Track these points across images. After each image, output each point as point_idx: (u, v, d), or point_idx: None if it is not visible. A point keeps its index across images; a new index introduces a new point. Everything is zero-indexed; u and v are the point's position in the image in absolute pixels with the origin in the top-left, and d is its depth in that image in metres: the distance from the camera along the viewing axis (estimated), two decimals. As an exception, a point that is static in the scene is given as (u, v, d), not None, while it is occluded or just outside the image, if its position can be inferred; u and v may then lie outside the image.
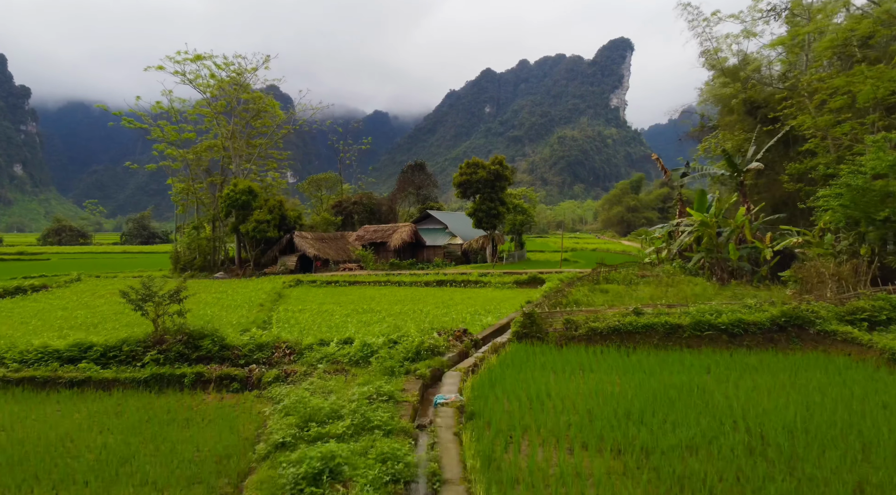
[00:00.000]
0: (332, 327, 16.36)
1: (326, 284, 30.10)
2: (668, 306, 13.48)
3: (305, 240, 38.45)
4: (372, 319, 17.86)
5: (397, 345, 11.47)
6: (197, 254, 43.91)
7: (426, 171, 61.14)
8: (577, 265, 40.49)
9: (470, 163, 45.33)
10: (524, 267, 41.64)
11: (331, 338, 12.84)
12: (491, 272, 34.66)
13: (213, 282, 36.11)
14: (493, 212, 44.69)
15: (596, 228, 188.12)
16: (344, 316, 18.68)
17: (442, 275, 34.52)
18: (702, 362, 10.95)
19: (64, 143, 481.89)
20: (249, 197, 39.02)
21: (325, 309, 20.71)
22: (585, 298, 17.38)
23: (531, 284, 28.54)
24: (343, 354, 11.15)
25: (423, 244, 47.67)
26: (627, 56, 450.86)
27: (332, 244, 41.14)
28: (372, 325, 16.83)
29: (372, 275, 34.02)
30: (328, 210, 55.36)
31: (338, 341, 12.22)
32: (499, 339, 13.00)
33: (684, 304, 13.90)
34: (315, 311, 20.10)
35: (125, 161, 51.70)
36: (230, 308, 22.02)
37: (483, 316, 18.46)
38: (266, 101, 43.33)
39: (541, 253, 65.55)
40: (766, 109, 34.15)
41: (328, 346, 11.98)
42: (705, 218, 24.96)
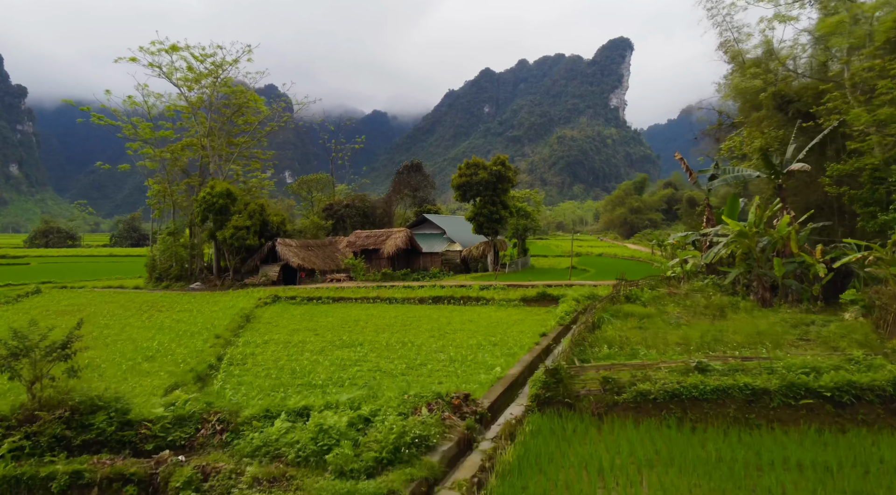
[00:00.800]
0: (295, 374, 12.83)
1: (307, 301, 26.57)
2: (742, 358, 9.96)
3: (289, 248, 34.92)
4: (350, 358, 14.34)
5: (370, 425, 7.97)
6: (173, 263, 40.37)
7: (423, 172, 57.56)
8: (587, 275, 37.03)
9: (470, 164, 41.84)
10: (529, 277, 38.14)
11: (284, 402, 9.35)
12: (493, 285, 31.18)
13: (185, 295, 32.58)
14: (495, 216, 41.21)
15: (596, 229, 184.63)
16: (315, 353, 15.15)
17: (439, 287, 31.03)
18: (817, 456, 7.43)
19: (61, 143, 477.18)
20: (227, 200, 35.47)
21: (297, 339, 17.18)
22: (618, 335, 13.88)
23: (540, 302, 25.04)
24: (289, 442, 7.63)
25: (419, 251, 44.18)
26: (627, 56, 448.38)
27: (320, 252, 37.60)
28: (348, 368, 13.33)
29: (360, 289, 30.48)
30: (318, 213, 51.80)
31: (288, 413, 8.71)
32: (514, 411, 9.48)
33: (764, 356, 10.33)
34: (283, 344, 16.56)
35: (123, 161, 47.99)
36: (184, 336, 18.48)
37: (488, 351, 14.96)
38: (248, 96, 39.76)
39: (544, 257, 62.04)
40: (799, 104, 30.71)
41: (274, 422, 8.46)
42: (743, 227, 21.49)
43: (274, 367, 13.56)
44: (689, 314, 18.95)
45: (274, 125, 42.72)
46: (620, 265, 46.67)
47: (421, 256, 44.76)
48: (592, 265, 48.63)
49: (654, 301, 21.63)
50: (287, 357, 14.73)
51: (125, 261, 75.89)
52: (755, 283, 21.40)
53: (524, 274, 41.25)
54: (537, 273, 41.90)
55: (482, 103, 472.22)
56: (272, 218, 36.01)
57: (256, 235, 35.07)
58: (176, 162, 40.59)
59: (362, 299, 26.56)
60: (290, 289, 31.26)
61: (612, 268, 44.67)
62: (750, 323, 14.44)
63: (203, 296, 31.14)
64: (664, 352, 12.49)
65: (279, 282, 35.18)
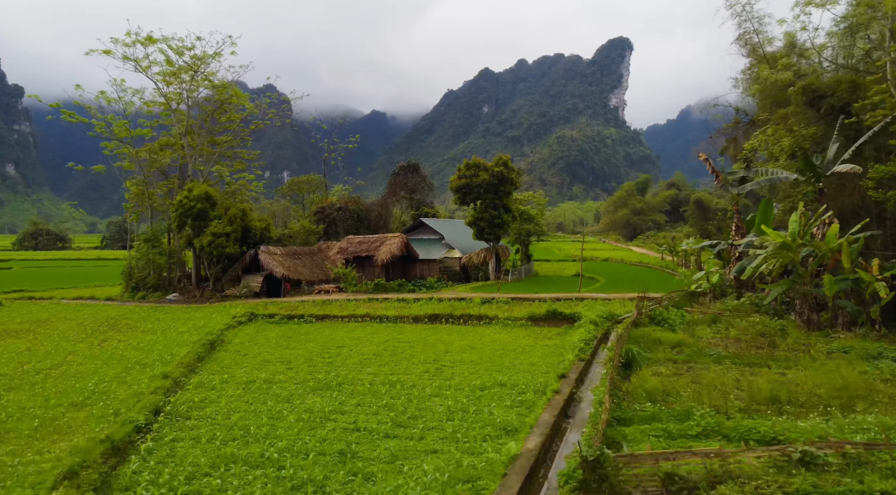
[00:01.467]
0: (248, 437, 9.93)
1: (287, 320, 23.67)
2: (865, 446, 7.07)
3: (273, 257, 32.01)
4: (322, 410, 11.45)
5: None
6: (151, 271, 37.42)
7: (420, 173, 54.55)
8: (597, 286, 34.16)
9: (470, 164, 38.95)
10: (534, 287, 35.28)
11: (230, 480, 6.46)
12: (496, 298, 28.28)
13: (157, 310, 29.66)
14: (497, 221, 38.32)
15: (597, 230, 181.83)
16: (282, 400, 12.25)
17: (436, 301, 28.12)
18: None
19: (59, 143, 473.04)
20: (206, 205, 32.55)
21: (263, 376, 14.29)
22: (660, 383, 10.97)
23: (550, 321, 22.17)
24: None
25: (415, 258, 41.26)
26: (626, 55, 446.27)
27: (307, 260, 34.67)
28: (319, 426, 10.45)
29: (349, 304, 27.58)
30: (309, 217, 48.86)
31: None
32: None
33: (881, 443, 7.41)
34: (244, 385, 13.67)
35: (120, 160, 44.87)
36: (133, 370, 15.57)
37: (496, 397, 12.07)
38: (231, 92, 36.79)
39: (547, 262, 59.14)
40: (833, 99, 27.83)
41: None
42: (785, 238, 18.63)
43: (224, 425, 10.66)
44: (731, 343, 16.10)
45: (259, 123, 39.74)
46: (630, 273, 43.80)
47: (417, 264, 41.84)
48: (600, 272, 45.74)
49: (686, 325, 18.77)
50: (245, 407, 11.83)
51: (112, 264, 72.93)
52: (799, 303, 18.59)
53: (528, 283, 38.37)
54: (542, 282, 39.03)
55: (481, 103, 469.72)
56: (255, 223, 33.03)
57: (237, 243, 32.14)
58: (154, 162, 37.63)
59: (349, 317, 23.68)
60: (272, 303, 28.34)
61: (622, 275, 41.83)
62: (823, 370, 11.50)
63: (175, 311, 28.21)
64: (725, 409, 9.63)
65: (262, 294, 32.27)
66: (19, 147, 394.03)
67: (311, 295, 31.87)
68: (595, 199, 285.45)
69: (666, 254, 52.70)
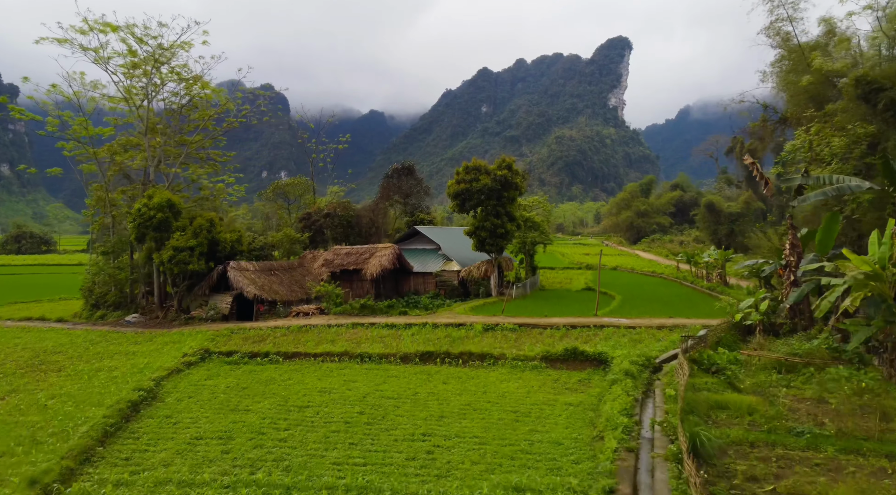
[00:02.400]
0: None
1: (248, 358, 19.53)
2: None
3: (244, 273, 27.88)
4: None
5: None
6: (112, 287, 33.25)
7: (415, 175, 50.29)
8: (614, 306, 30.04)
9: (469, 167, 34.87)
10: (542, 305, 31.20)
11: None
12: (501, 323, 24.22)
13: (108, 336, 25.50)
14: (500, 231, 34.26)
15: (597, 232, 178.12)
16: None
17: (430, 328, 24.05)
18: None
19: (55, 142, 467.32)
20: (168, 214, 28.39)
21: (185, 471, 10.17)
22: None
23: (570, 363, 18.08)
24: None
25: (409, 270, 37.18)
26: (626, 55, 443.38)
27: (285, 276, 30.53)
28: None
29: (328, 332, 23.51)
30: (294, 224, 44.75)
31: None
32: None
33: None
34: (151, 488, 9.55)
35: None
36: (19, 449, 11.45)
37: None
38: (200, 85, 32.60)
39: (551, 270, 55.04)
40: (894, 92, 23.87)
41: None
42: (872, 265, 14.60)
43: None
44: (822, 410, 12.06)
45: (233, 120, 35.47)
46: (647, 286, 39.65)
47: (411, 277, 37.76)
48: (613, 285, 41.62)
49: (747, 373, 14.70)
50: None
51: (89, 272, 68.72)
52: (891, 348, 14.65)
53: (535, 300, 34.29)
54: (550, 298, 34.96)
55: (480, 103, 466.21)
56: (224, 235, 28.81)
57: (203, 257, 27.98)
58: (116, 165, 33.42)
59: (325, 356, 19.54)
60: (238, 331, 24.22)
61: (638, 290, 37.76)
62: None
63: (124, 341, 24.07)
64: None
65: (232, 317, 28.13)
66: (14, 146, 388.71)
67: (287, 318, 27.74)
68: (594, 200, 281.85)
69: (680, 261, 48.61)
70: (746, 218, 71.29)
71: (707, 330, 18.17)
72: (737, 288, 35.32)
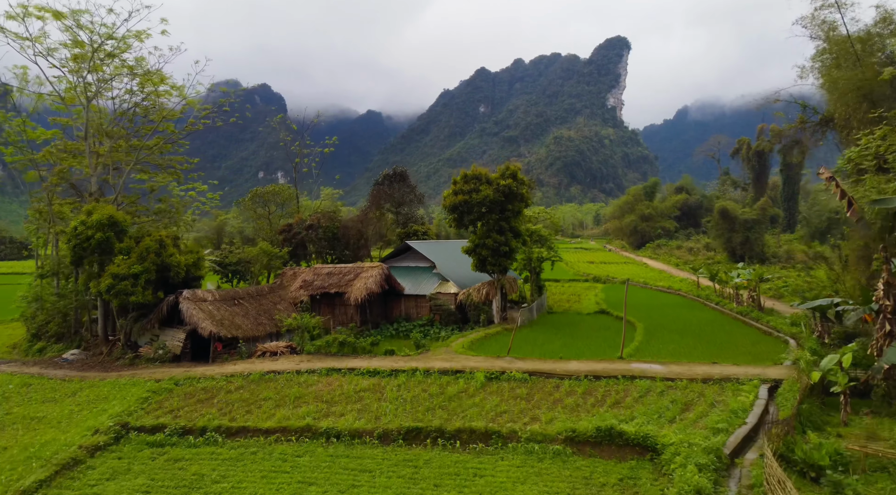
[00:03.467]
0: None
1: (179, 437, 14.90)
2: None
3: (200, 305, 23.29)
4: None
5: None
6: (55, 315, 28.61)
7: (408, 182, 45.50)
8: (641, 341, 25.48)
9: (469, 176, 30.35)
10: (553, 339, 26.70)
11: None
12: (507, 371, 19.72)
13: (33, 383, 20.90)
14: (503, 249, 29.76)
15: (597, 234, 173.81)
16: None
17: (420, 375, 19.60)
18: None
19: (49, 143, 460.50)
20: (110, 233, 23.76)
21: None
22: None
23: (603, 447, 13.53)
24: None
25: (399, 292, 32.65)
26: (624, 55, 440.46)
27: (252, 306, 25.90)
28: None
29: (295, 382, 18.98)
30: (273, 237, 40.15)
31: None
32: None
33: None
34: None
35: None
36: None
37: None
38: (155, 80, 27.92)
39: (556, 283, 50.53)
40: None
41: None
42: None
43: None
44: None
45: (195, 122, 30.73)
46: (670, 310, 35.03)
47: (402, 300, 33.19)
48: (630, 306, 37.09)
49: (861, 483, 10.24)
50: None
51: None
52: None
53: (544, 328, 29.78)
54: (561, 327, 30.44)
55: (478, 103, 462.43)
56: (176, 258, 24.11)
57: (151, 286, 23.40)
58: (55, 173, 28.73)
59: (280, 432, 14.93)
60: (183, 384, 19.64)
61: (659, 313, 33.28)
62: None
63: (47, 393, 19.46)
64: None
65: (185, 357, 23.52)
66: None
67: (251, 359, 23.12)
68: (593, 201, 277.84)
69: (702, 276, 44.03)
70: (762, 225, 66.95)
71: (794, 411, 13.67)
72: (775, 313, 30.88)
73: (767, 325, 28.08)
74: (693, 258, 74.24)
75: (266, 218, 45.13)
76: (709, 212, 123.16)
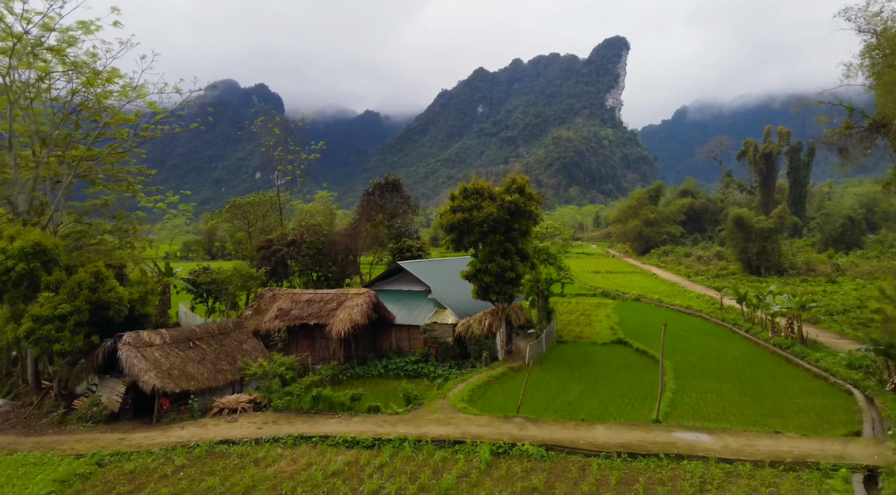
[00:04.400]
0: None
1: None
2: None
3: (144, 351, 19.13)
4: None
5: None
6: (-15, 354, 24.38)
7: (402, 192, 41.09)
8: (673, 391, 21.42)
9: (469, 190, 26.25)
10: (568, 379, 22.67)
11: None
12: (518, 443, 15.67)
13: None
14: (510, 275, 25.68)
15: (597, 236, 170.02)
16: None
17: (409, 447, 15.50)
18: None
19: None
20: (35, 264, 19.61)
21: None
22: None
23: None
24: None
25: (389, 322, 28.55)
26: (623, 55, 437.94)
27: (212, 348, 21.70)
28: None
29: (252, 458, 14.84)
30: (252, 255, 36.01)
31: None
32: None
33: None
34: None
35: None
36: None
37: None
38: (103, 79, 23.71)
39: (562, 298, 46.37)
40: None
41: None
42: None
43: None
44: None
45: (150, 127, 26.49)
46: (696, 339, 30.96)
47: (393, 330, 29.06)
48: (646, 331, 33.13)
49: None
50: None
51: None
52: None
53: (557, 367, 25.71)
54: (575, 365, 26.37)
55: (476, 103, 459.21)
56: (116, 294, 19.82)
57: (84, 329, 19.27)
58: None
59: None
60: (108, 463, 15.51)
61: (685, 347, 29.24)
62: None
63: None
64: None
65: (125, 414, 19.35)
66: None
67: (203, 419, 18.96)
68: (592, 202, 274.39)
69: (727, 295, 39.85)
70: (780, 234, 62.97)
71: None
72: (819, 346, 26.85)
73: (817, 366, 24.06)
74: (705, 268, 70.28)
75: (245, 230, 40.90)
76: (714, 215, 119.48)
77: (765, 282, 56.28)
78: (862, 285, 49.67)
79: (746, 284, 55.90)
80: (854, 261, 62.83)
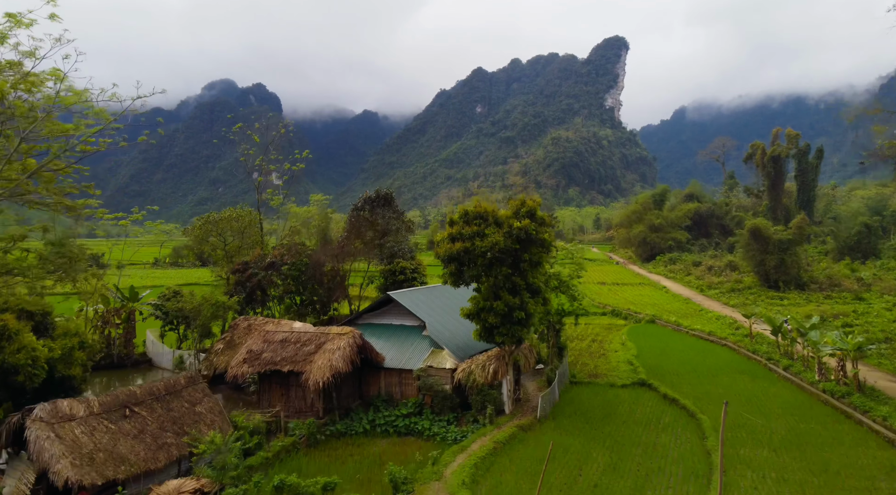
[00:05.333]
0: None
1: None
2: None
3: (61, 429, 15.07)
4: None
5: None
6: None
7: (394, 207, 36.81)
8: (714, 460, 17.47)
9: (471, 215, 22.22)
10: (588, 441, 18.68)
11: None
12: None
13: None
14: (518, 314, 21.68)
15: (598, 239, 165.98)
16: None
17: None
18: None
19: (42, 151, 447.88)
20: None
21: None
22: None
23: None
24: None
25: (377, 366, 24.55)
26: (622, 55, 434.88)
27: (154, 417, 17.55)
28: None
29: None
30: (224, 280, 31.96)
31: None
32: None
33: None
34: None
35: (107, 160, 27.17)
36: None
37: None
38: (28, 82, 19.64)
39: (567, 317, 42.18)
40: None
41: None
42: None
43: None
44: None
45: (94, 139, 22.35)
46: (723, 376, 26.95)
47: (382, 374, 25.00)
48: (667, 365, 29.17)
49: None
50: None
51: None
52: None
53: (574, 425, 21.70)
54: (595, 419, 22.36)
55: (474, 103, 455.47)
56: (28, 354, 15.48)
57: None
58: None
59: None
60: None
61: (718, 388, 25.30)
62: None
63: None
64: None
65: (38, 508, 15.31)
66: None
67: (135, 517, 14.90)
68: (592, 202, 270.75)
69: (758, 321, 35.84)
70: (799, 246, 59.03)
71: None
72: (880, 396, 22.92)
73: (886, 425, 20.15)
74: (717, 280, 66.35)
75: (222, 249, 36.81)
76: (719, 219, 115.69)
77: (786, 299, 52.57)
78: (893, 303, 45.97)
79: (766, 301, 52.28)
80: (877, 274, 59.02)
